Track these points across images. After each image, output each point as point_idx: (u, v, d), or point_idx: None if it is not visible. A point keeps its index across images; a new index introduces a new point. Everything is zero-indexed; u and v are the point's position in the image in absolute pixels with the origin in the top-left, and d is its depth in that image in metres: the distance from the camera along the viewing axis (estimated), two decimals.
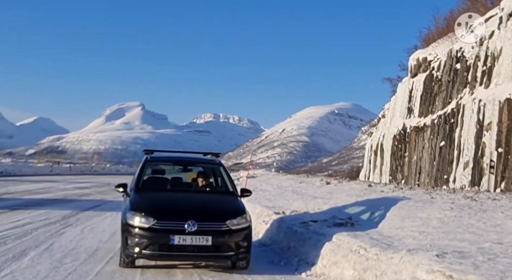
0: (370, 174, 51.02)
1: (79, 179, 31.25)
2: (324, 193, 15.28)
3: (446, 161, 26.27)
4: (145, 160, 8.20)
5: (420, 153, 31.03)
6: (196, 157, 9.45)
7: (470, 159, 23.22)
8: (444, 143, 26.77)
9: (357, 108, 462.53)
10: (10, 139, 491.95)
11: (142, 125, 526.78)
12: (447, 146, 26.38)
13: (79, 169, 51.01)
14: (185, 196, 7.58)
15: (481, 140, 22.44)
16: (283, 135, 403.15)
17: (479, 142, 22.47)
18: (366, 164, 56.84)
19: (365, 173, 56.42)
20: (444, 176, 26.07)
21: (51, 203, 14.65)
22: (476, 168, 22.47)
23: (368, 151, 55.69)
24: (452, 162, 25.34)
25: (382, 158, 42.01)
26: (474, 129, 23.00)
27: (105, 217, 12.17)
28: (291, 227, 8.92)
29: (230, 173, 8.70)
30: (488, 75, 23.12)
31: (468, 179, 22.88)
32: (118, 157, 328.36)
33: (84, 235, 9.19)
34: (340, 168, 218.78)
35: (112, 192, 21.28)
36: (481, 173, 22.16)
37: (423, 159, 30.29)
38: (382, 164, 42.00)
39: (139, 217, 6.55)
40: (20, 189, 20.14)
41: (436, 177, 27.27)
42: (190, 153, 9.73)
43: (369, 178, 50.88)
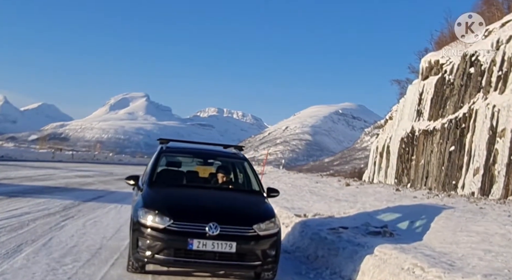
0: (375, 175, 50.56)
1: (81, 167, 30.70)
2: (346, 195, 14.56)
3: (455, 167, 25.82)
4: (160, 150, 7.34)
5: (428, 157, 30.58)
6: (217, 150, 8.45)
7: (480, 165, 22.76)
8: (454, 148, 26.31)
9: (361, 109, 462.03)
10: (14, 123, 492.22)
11: (146, 116, 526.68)
12: (457, 151, 25.92)
13: (81, 157, 50.48)
14: (205, 194, 6.72)
15: (493, 147, 21.97)
16: (286, 132, 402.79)
17: (491, 148, 22.00)
18: (370, 165, 56.37)
19: (369, 175, 55.97)
20: (452, 182, 25.62)
21: (52, 192, 14.06)
22: (487, 175, 21.99)
23: (373, 153, 55.22)
24: (461, 168, 24.89)
25: (388, 160, 41.56)
26: (486, 135, 22.54)
27: (109, 209, 11.49)
28: (318, 233, 8.05)
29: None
30: (504, 81, 22.62)
31: (477, 186, 22.43)
32: (120, 147, 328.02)
33: (86, 230, 8.46)
34: (341, 168, 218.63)
35: (115, 182, 20.96)
36: (492, 181, 21.68)
37: (431, 163, 29.83)
38: (388, 167, 41.55)
39: (153, 215, 5.71)
40: (20, 174, 19.62)
41: (444, 182, 26.82)
42: (209, 145, 8.74)
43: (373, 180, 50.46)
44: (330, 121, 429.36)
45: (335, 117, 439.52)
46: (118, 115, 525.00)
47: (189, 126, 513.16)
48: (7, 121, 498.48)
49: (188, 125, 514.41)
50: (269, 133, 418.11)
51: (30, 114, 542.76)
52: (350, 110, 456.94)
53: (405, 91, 53.57)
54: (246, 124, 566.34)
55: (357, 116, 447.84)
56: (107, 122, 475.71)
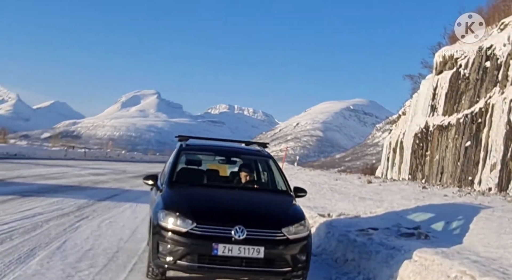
0: (388, 171, 50.21)
1: (94, 165, 30.65)
2: (370, 193, 14.09)
3: (471, 162, 25.46)
4: (180, 148, 6.89)
5: (443, 152, 30.23)
6: (240, 147, 7.99)
7: (498, 161, 22.40)
8: (470, 143, 25.94)
9: (373, 104, 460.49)
10: (26, 121, 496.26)
11: (157, 113, 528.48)
12: (473, 147, 25.57)
13: (94, 154, 50.58)
14: (229, 194, 6.25)
15: (510, 142, 21.62)
16: (297, 129, 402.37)
17: (509, 143, 21.65)
18: (383, 161, 55.95)
19: (382, 171, 55.57)
20: (468, 178, 25.28)
21: (65, 190, 13.90)
22: (504, 171, 21.64)
23: (387, 148, 54.81)
24: (477, 164, 24.55)
25: (402, 156, 41.19)
26: (503, 130, 22.17)
27: (124, 209, 11.20)
28: (346, 235, 7.58)
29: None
30: None
31: (495, 182, 22.10)
32: (132, 144, 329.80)
33: (102, 232, 8.15)
34: (353, 164, 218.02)
35: (129, 180, 20.82)
36: (509, 176, 21.34)
37: (446, 159, 29.47)
38: (401, 162, 41.19)
39: (174, 218, 5.31)
40: (33, 173, 19.50)
41: (460, 178, 26.48)
42: (230, 142, 8.19)
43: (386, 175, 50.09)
44: (341, 117, 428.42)
45: (346, 113, 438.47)
46: (129, 112, 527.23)
47: (200, 123, 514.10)
48: (20, 119, 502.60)
49: (199, 122, 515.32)
50: (280, 129, 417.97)
51: (42, 112, 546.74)
52: (362, 106, 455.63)
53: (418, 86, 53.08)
54: (257, 121, 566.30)
55: (369, 112, 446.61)
56: (119, 119, 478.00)
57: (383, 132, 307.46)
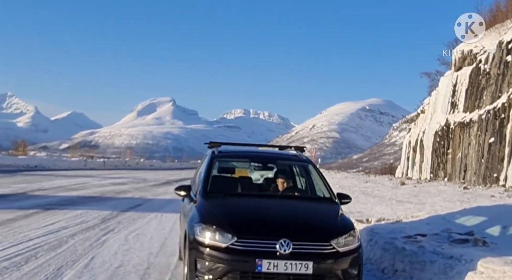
0: (408, 171, 49.54)
1: (114, 174, 30.58)
2: (406, 195, 13.44)
3: (496, 159, 24.88)
4: (212, 155, 6.43)
5: (465, 150, 29.64)
6: (275, 152, 7.51)
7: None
8: (493, 140, 25.37)
9: (388, 104, 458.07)
10: (45, 133, 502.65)
11: (173, 120, 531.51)
12: (497, 143, 25.00)
13: (113, 163, 50.67)
14: (269, 204, 5.72)
15: None
16: (313, 131, 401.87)
17: None
18: (403, 161, 55.32)
19: (402, 170, 54.90)
20: (493, 175, 24.70)
21: (88, 202, 13.68)
22: None
23: (406, 148, 54.17)
24: (503, 160, 23.98)
25: (422, 155, 40.60)
26: None
27: (149, 219, 10.85)
28: (392, 243, 7.01)
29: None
30: None
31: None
32: (149, 152, 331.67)
33: (130, 246, 7.76)
34: (371, 164, 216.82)
35: (150, 188, 20.62)
36: None
37: (469, 156, 28.89)
38: (422, 161, 40.58)
39: (212, 232, 4.86)
40: (54, 184, 19.38)
41: (485, 175, 25.90)
42: (262, 146, 7.90)
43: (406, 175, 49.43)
44: (358, 118, 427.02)
45: (362, 114, 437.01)
46: (145, 120, 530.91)
47: (216, 128, 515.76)
48: (39, 131, 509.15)
49: (215, 128, 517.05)
50: (296, 132, 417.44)
51: (60, 123, 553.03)
52: (377, 105, 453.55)
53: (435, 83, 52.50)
54: (273, 124, 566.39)
55: (385, 111, 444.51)
56: (135, 128, 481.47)
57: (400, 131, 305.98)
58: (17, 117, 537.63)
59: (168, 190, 19.75)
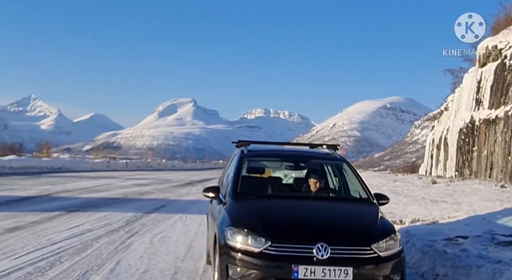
0: (432, 169, 48.81)
1: (137, 175, 30.58)
2: (440, 195, 12.88)
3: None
4: (242, 155, 6.08)
5: (491, 147, 28.93)
6: (307, 151, 7.04)
7: None
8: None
9: (410, 102, 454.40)
10: (68, 135, 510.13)
11: (194, 121, 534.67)
12: None
13: (135, 164, 50.83)
14: (304, 206, 5.32)
15: None
16: (334, 130, 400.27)
17: None
18: (427, 159, 54.53)
19: (426, 168, 54.12)
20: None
21: (111, 203, 13.50)
22: None
23: (430, 146, 53.36)
24: None
25: (446, 152, 39.88)
26: None
27: (174, 221, 10.57)
28: (431, 245, 6.58)
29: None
30: None
31: None
32: (170, 153, 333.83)
33: (155, 249, 7.48)
34: (392, 163, 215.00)
35: (173, 189, 20.42)
36: None
37: (495, 154, 28.19)
38: (447, 159, 39.89)
39: (244, 236, 4.54)
40: (78, 186, 19.32)
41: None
42: (292, 145, 7.52)
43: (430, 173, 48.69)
44: (379, 116, 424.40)
45: (383, 112, 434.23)
46: (167, 121, 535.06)
47: (237, 128, 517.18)
48: (62, 133, 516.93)
49: (236, 128, 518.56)
50: (316, 131, 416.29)
51: (83, 125, 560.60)
52: (398, 103, 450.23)
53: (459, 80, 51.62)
54: (293, 124, 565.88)
55: (406, 109, 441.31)
56: (157, 129, 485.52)
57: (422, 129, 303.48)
58: (41, 119, 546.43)
59: (191, 191, 19.56)
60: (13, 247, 7.16)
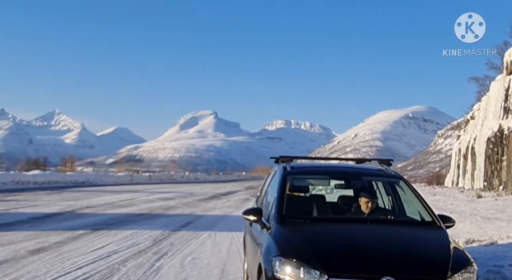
0: (459, 179, 47.55)
1: (160, 189, 30.25)
2: (491, 211, 11.84)
3: None
4: (285, 172, 5.38)
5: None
6: (359, 167, 6.32)
7: None
8: None
9: (432, 111, 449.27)
10: (91, 149, 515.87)
11: (215, 133, 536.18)
12: None
13: (158, 177, 50.66)
14: (359, 231, 4.62)
15: None
16: (355, 140, 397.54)
17: None
18: (453, 169, 53.28)
19: (452, 179, 52.82)
20: None
21: (137, 220, 13.04)
22: None
23: (456, 155, 52.15)
24: None
25: (474, 162, 38.86)
26: None
27: (203, 240, 10.03)
28: (499, 272, 5.85)
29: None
30: None
31: None
32: (192, 165, 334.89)
33: (187, 273, 6.89)
34: (415, 173, 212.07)
35: (198, 203, 19.90)
36: None
37: None
38: (474, 169, 38.84)
39: (295, 268, 3.90)
40: (102, 201, 18.99)
41: None
42: (334, 160, 6.82)
43: (457, 183, 47.40)
44: (401, 126, 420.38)
45: (405, 121, 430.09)
46: (188, 134, 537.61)
47: (258, 140, 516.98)
48: (85, 146, 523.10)
49: (257, 139, 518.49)
50: (338, 142, 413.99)
51: (106, 139, 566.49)
52: (421, 113, 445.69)
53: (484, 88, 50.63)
54: (314, 135, 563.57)
55: (429, 118, 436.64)
56: (178, 141, 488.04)
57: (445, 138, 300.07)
58: (65, 134, 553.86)
59: (217, 205, 19.05)
60: (35, 273, 6.68)
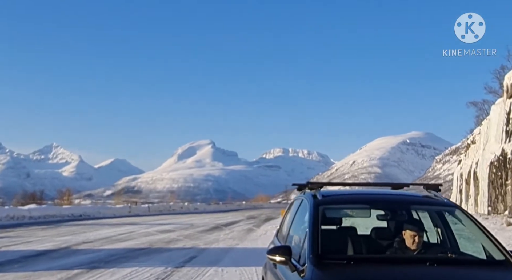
0: (462, 204, 46.77)
1: (160, 220, 29.40)
2: None
3: None
4: (316, 201, 4.39)
5: None
6: (404, 194, 5.09)
7: None
8: None
9: (429, 136, 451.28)
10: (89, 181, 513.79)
11: (213, 162, 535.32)
12: None
13: (157, 208, 49.72)
14: (417, 275, 3.66)
15: None
16: (354, 167, 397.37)
17: None
18: (455, 194, 52.53)
19: None
20: None
21: (136, 256, 12.23)
22: None
23: (458, 180, 51.46)
24: None
25: (477, 187, 38.20)
26: None
27: (210, 277, 9.23)
28: None
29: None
30: None
31: None
32: (190, 195, 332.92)
33: None
34: None
35: (200, 235, 19.03)
36: None
37: None
38: (477, 194, 38.17)
39: None
40: (99, 235, 18.18)
41: None
42: (366, 186, 5.76)
43: None
44: (399, 152, 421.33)
45: (403, 147, 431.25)
46: (186, 164, 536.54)
47: (256, 168, 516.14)
48: (83, 179, 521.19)
49: (255, 168, 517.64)
50: (336, 169, 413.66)
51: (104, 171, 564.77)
52: (418, 139, 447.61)
53: (482, 113, 50.40)
54: (313, 162, 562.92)
55: (426, 144, 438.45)
56: (176, 171, 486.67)
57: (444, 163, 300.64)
58: (63, 166, 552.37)
59: (219, 237, 18.24)
60: None
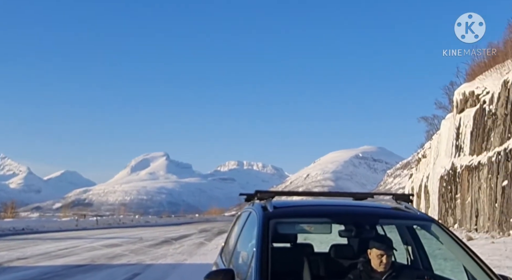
0: None
1: (108, 234, 28.67)
2: (496, 257, 10.45)
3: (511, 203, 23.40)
4: (266, 214, 3.53)
5: (475, 194, 28.27)
6: (371, 205, 4.14)
7: None
8: (507, 182, 23.94)
9: (381, 151, 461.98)
10: (38, 193, 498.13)
11: (167, 174, 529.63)
12: (510, 186, 23.56)
13: (106, 222, 48.59)
14: None
15: None
16: (307, 180, 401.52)
17: None
18: None
19: None
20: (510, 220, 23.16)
21: (73, 274, 11.74)
22: None
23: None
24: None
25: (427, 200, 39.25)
26: None
27: None
28: None
29: None
30: None
31: None
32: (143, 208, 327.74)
33: None
34: None
35: (148, 250, 18.50)
36: None
37: (480, 201, 27.49)
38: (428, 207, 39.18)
39: None
40: (38, 250, 17.43)
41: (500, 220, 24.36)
42: (328, 196, 4.46)
43: None
44: (351, 165, 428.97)
45: (355, 161, 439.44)
46: (139, 176, 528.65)
47: (211, 181, 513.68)
48: (32, 191, 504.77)
49: (209, 181, 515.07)
50: (290, 182, 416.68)
51: (53, 183, 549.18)
52: (370, 153, 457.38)
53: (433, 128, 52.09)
54: (267, 175, 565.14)
55: (378, 158, 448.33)
56: (129, 184, 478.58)
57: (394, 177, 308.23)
58: (10, 178, 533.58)
59: (168, 252, 17.91)
60: None
